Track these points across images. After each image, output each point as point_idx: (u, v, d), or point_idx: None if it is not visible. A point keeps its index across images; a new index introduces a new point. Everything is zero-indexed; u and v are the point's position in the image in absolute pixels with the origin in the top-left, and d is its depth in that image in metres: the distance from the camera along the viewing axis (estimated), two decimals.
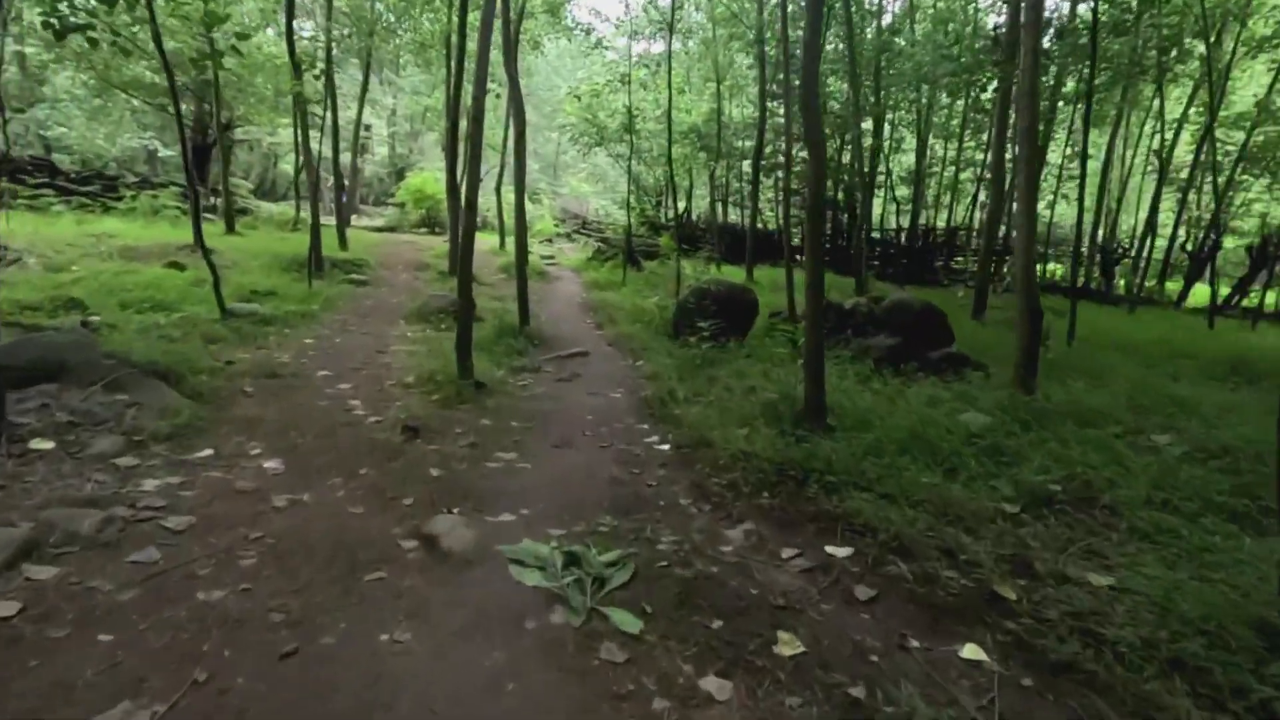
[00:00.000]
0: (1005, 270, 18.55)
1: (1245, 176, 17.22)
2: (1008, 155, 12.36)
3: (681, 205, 24.90)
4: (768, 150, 20.98)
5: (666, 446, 4.64)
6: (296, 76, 10.96)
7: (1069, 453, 4.09)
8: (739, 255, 20.65)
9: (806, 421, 4.48)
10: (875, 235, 21.96)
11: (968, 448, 4.17)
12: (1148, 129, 20.40)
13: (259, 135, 26.05)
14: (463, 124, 13.44)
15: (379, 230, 21.91)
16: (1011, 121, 11.49)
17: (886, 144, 21.22)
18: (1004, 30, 12.95)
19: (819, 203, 4.89)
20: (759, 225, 22.55)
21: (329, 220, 15.67)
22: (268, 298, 8.66)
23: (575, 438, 4.78)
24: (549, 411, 5.37)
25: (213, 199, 17.54)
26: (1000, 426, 4.52)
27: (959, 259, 19.83)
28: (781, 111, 16.55)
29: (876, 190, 21.82)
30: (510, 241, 14.88)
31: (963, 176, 20.86)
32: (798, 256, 23.34)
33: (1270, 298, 16.78)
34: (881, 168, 21.57)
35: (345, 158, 27.90)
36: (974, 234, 20.66)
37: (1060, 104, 17.28)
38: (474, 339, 6.10)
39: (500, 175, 18.34)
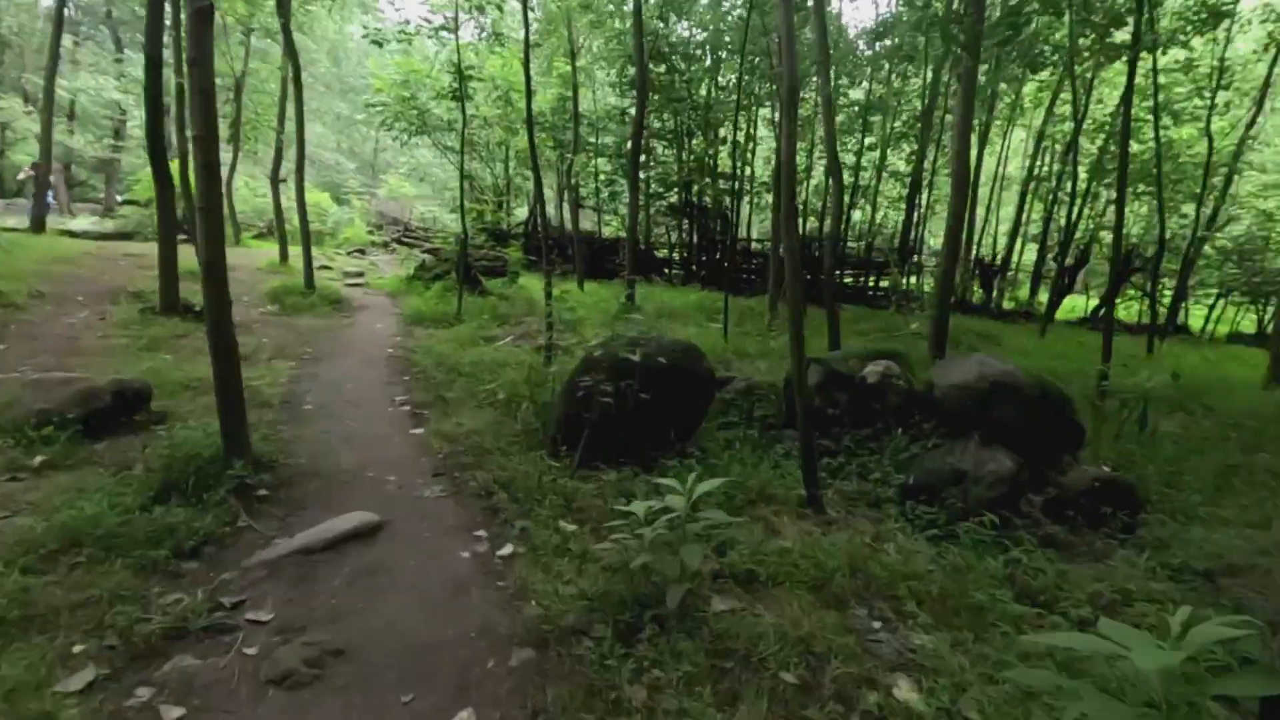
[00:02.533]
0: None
1: (1101, 188, 17.24)
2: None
3: (522, 211, 21.26)
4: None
5: None
6: None
7: None
8: (600, 271, 17.48)
9: None
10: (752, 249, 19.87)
11: None
12: (1017, 136, 20.33)
13: None
14: None
15: (103, 237, 15.76)
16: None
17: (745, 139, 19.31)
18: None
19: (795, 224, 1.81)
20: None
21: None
22: None
23: None
24: None
25: None
26: None
27: (885, 274, 18.22)
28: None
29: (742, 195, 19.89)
30: (300, 257, 10.45)
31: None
32: (666, 270, 20.77)
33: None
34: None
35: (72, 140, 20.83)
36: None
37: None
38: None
39: (277, 161, 13.45)
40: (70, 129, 26.92)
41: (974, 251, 18.91)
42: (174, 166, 17.14)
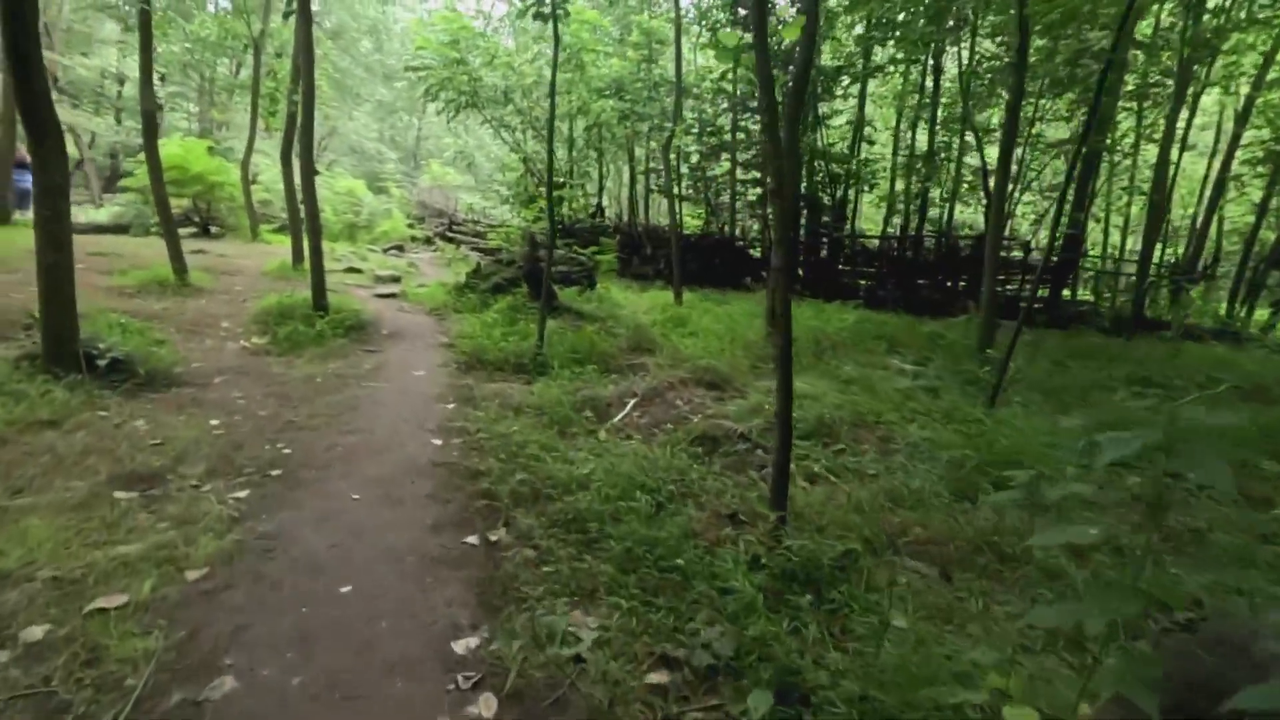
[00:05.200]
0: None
1: None
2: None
3: (584, 198, 17.90)
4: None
5: None
6: None
7: None
8: (697, 277, 14.04)
9: None
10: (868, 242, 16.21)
11: None
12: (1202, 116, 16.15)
13: None
14: None
15: (94, 230, 13.00)
16: None
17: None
18: None
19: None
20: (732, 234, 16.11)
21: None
22: None
23: None
24: None
25: None
26: None
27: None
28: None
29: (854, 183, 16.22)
30: (334, 260, 7.51)
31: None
32: (765, 274, 16.85)
33: None
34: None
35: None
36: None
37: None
38: None
39: (289, 137, 10.37)
40: (92, 109, 24.69)
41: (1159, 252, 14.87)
42: (179, 146, 14.31)
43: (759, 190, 16.22)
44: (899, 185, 15.86)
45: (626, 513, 3.03)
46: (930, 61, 14.90)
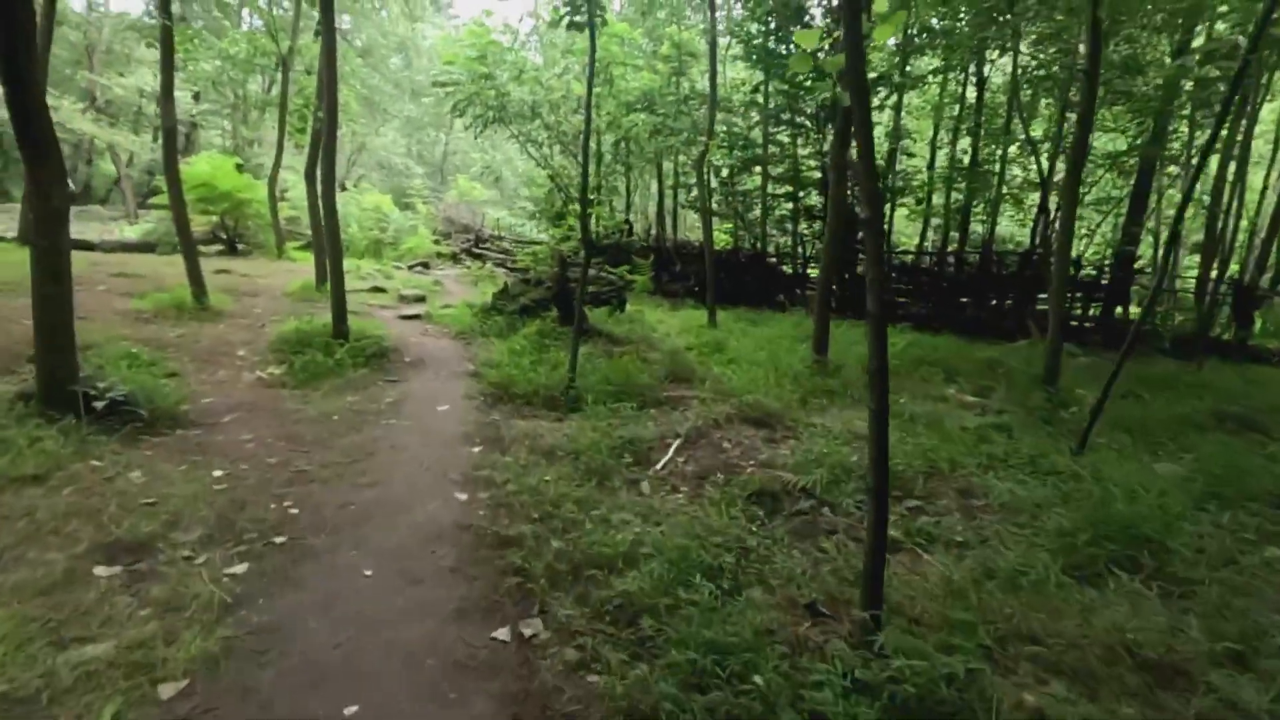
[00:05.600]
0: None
1: None
2: None
3: (612, 214, 17.51)
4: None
5: None
6: None
7: None
8: (729, 295, 13.52)
9: None
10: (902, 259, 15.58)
11: None
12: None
13: None
14: None
15: (121, 249, 12.96)
16: None
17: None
18: None
19: None
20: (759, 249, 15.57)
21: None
22: None
23: None
24: None
25: None
26: None
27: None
28: None
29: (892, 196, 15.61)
30: (349, 276, 7.26)
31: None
32: (800, 292, 16.07)
33: None
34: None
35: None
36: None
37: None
38: None
39: (314, 153, 10.15)
40: (127, 126, 25.12)
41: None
42: (207, 163, 14.24)
43: (790, 205, 15.73)
44: (936, 199, 15.25)
45: (685, 602, 2.54)
46: (972, 71, 14.33)
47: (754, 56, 14.00)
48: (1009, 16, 9.43)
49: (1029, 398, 6.42)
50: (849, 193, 7.53)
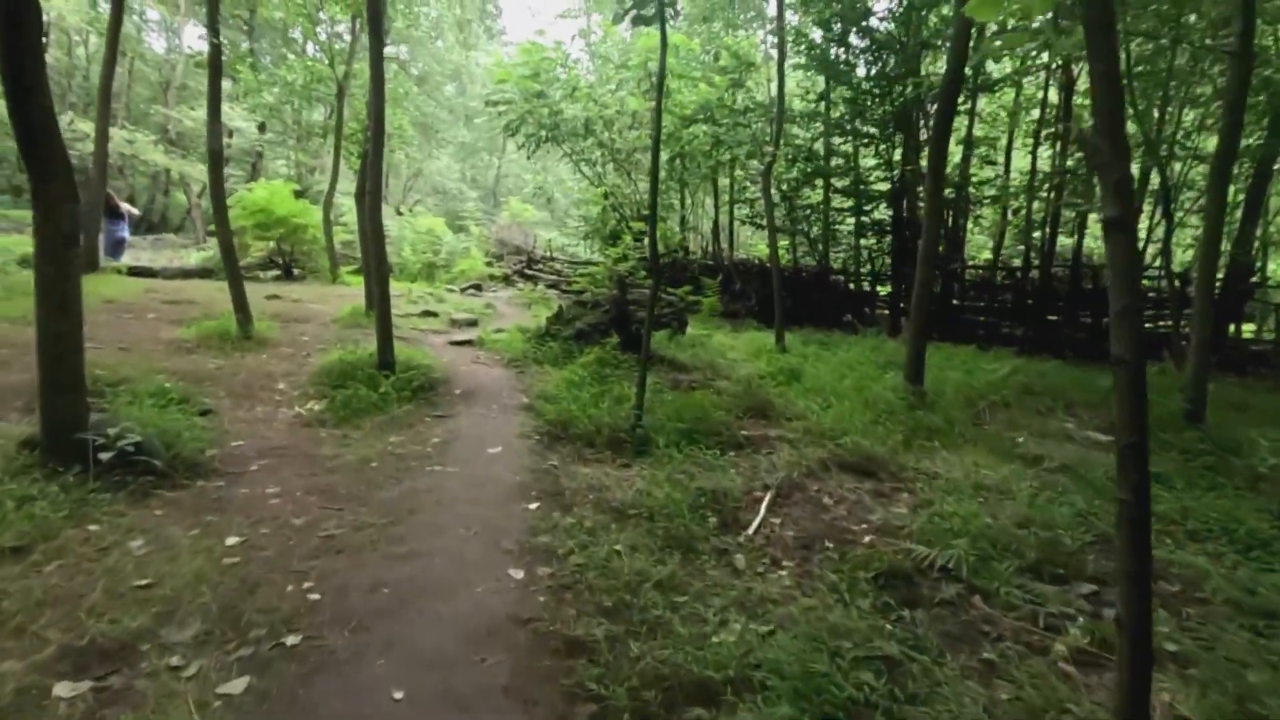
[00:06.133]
0: None
1: None
2: None
3: (669, 233, 16.88)
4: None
5: None
6: None
7: None
8: (793, 315, 12.67)
9: None
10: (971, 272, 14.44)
11: None
12: None
13: None
14: None
15: (182, 275, 13.05)
16: None
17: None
18: None
19: None
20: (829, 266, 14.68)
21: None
22: None
23: None
24: None
25: None
26: None
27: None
28: None
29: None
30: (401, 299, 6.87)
31: None
32: (868, 311, 14.88)
33: None
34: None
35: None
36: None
37: None
38: None
39: (363, 175, 9.85)
40: (196, 157, 26.01)
41: None
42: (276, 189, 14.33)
43: (853, 219, 14.81)
44: (1003, 209, 14.09)
45: None
46: (1058, 70, 13.24)
47: (816, 64, 13.26)
48: None
49: (1178, 438, 5.39)
50: (937, 203, 6.68)
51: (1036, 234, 13.60)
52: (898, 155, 13.75)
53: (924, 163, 13.77)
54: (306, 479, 3.87)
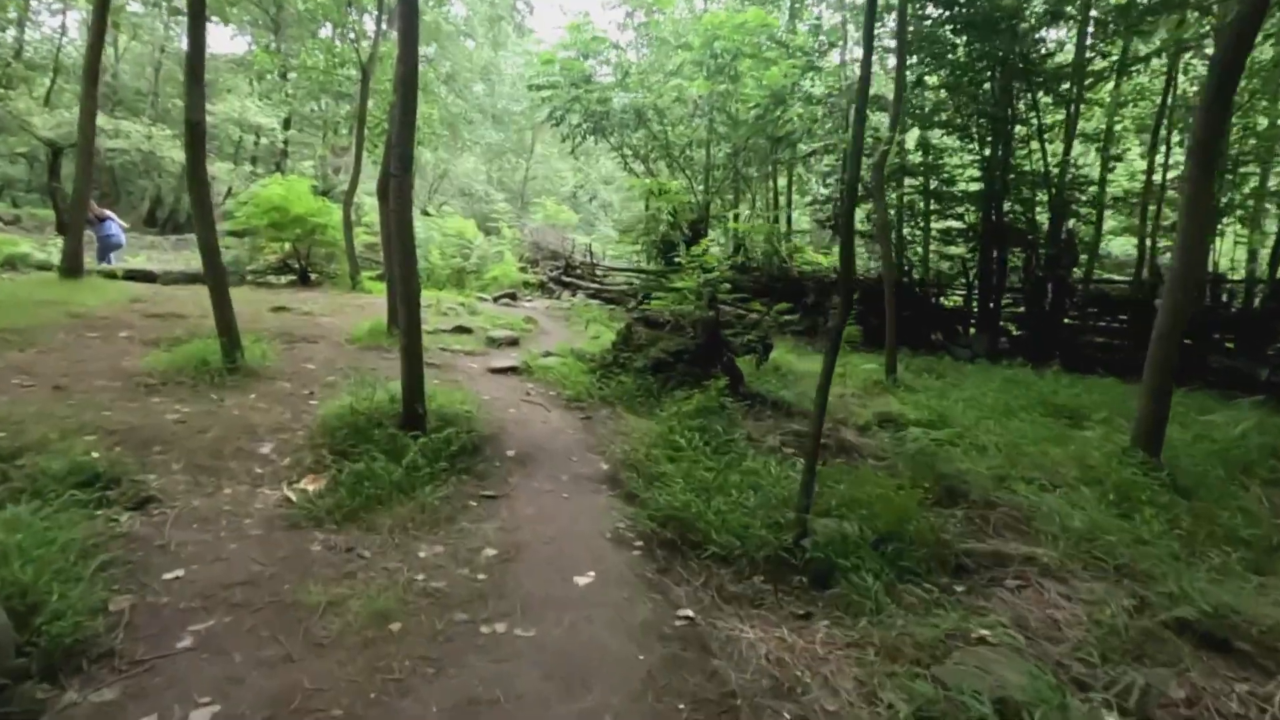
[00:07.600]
0: None
1: None
2: None
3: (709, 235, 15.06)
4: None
5: None
6: None
7: None
8: (875, 334, 10.76)
9: None
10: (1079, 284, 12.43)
11: None
12: None
13: None
14: None
15: (186, 280, 11.57)
16: None
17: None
18: None
19: None
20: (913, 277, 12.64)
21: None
22: None
23: None
24: None
25: None
26: None
27: None
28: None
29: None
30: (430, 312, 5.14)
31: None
32: (961, 329, 12.23)
33: None
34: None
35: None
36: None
37: None
38: None
39: (386, 170, 8.19)
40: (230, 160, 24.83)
41: None
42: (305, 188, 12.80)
43: (944, 223, 12.92)
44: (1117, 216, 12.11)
45: None
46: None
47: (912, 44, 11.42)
48: None
49: None
50: (1203, 194, 4.78)
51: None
52: (987, 152, 11.93)
53: (1022, 162, 11.92)
54: (271, 673, 2.15)
